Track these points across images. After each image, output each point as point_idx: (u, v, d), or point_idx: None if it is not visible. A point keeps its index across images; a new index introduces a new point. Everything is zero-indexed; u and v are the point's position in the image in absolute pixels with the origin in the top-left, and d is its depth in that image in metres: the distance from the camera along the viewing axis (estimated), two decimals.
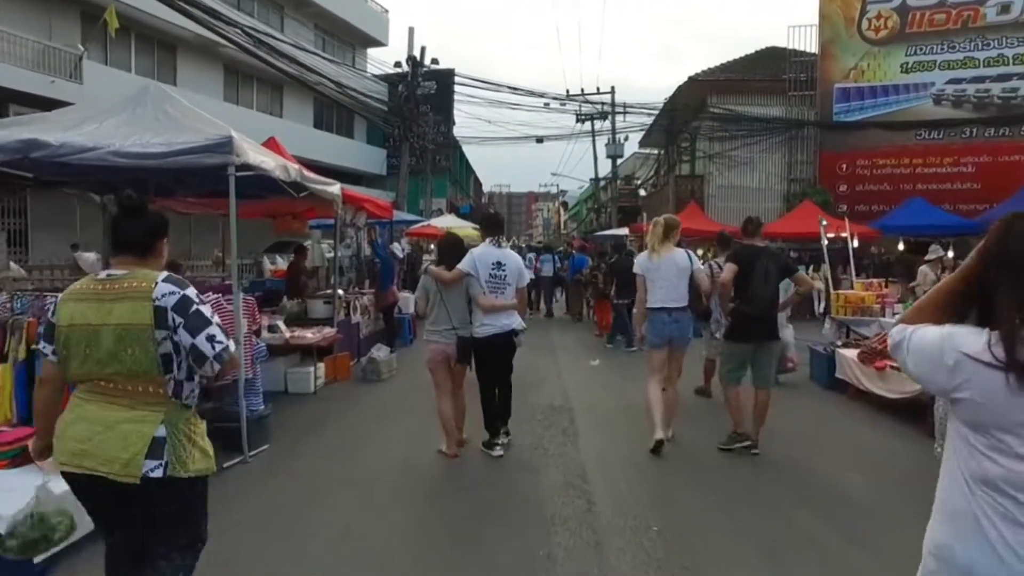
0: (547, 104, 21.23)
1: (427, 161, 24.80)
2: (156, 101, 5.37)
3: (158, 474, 2.08)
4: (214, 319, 2.19)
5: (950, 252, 9.74)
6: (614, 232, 23.30)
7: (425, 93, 22.87)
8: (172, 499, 2.16)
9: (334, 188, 7.26)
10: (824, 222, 9.03)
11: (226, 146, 4.57)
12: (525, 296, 5.48)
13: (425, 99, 23.65)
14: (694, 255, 5.48)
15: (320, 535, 3.63)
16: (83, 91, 14.88)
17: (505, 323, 4.89)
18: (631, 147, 32.49)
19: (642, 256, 5.45)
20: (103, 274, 2.23)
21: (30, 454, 2.87)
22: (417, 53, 20.24)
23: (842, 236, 9.70)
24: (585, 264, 14.56)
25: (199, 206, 8.23)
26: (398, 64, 21.85)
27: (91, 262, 7.92)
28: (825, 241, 8.84)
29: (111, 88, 12.95)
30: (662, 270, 5.20)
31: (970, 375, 1.35)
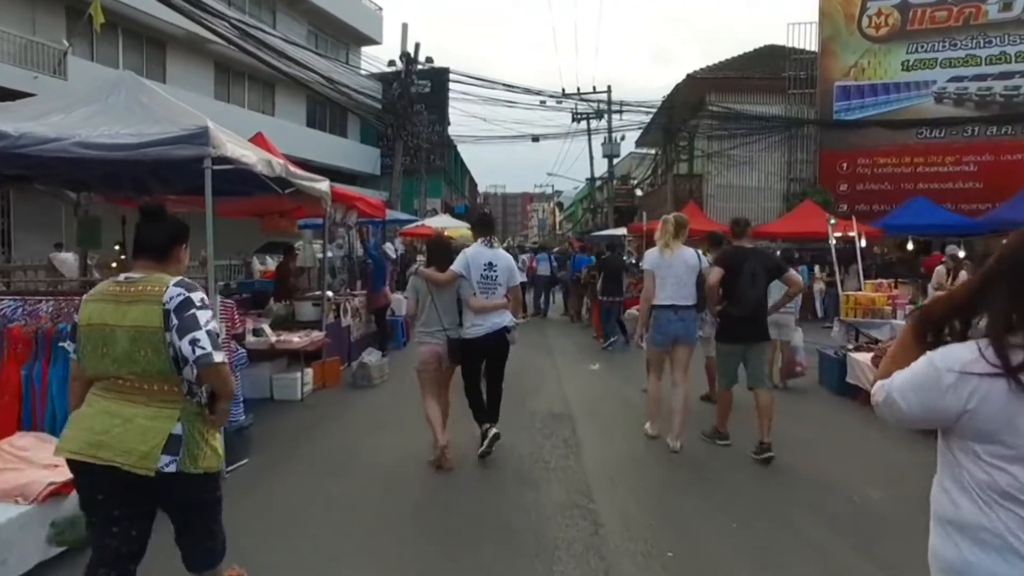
0: (543, 102, 20.87)
1: (421, 160, 24.45)
2: (131, 91, 5.02)
3: (171, 469, 2.16)
4: (207, 326, 2.21)
5: (961, 252, 9.45)
6: (611, 232, 23.00)
7: (419, 92, 22.56)
8: (183, 494, 2.26)
9: (322, 185, 6.92)
10: (833, 220, 8.74)
11: (201, 137, 4.24)
12: (519, 295, 5.44)
13: (419, 98, 23.34)
14: (702, 255, 5.47)
15: (293, 568, 3.29)
16: (67, 87, 14.46)
17: (496, 321, 4.83)
18: (627, 147, 32.24)
19: (653, 253, 5.35)
20: (122, 277, 2.30)
21: None
22: (411, 50, 19.87)
23: (849, 235, 9.41)
24: (586, 264, 14.26)
25: (182, 204, 7.87)
26: (392, 63, 21.53)
27: (69, 263, 7.56)
28: (833, 240, 8.54)
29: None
30: (673, 267, 5.17)
31: (972, 388, 1.33)
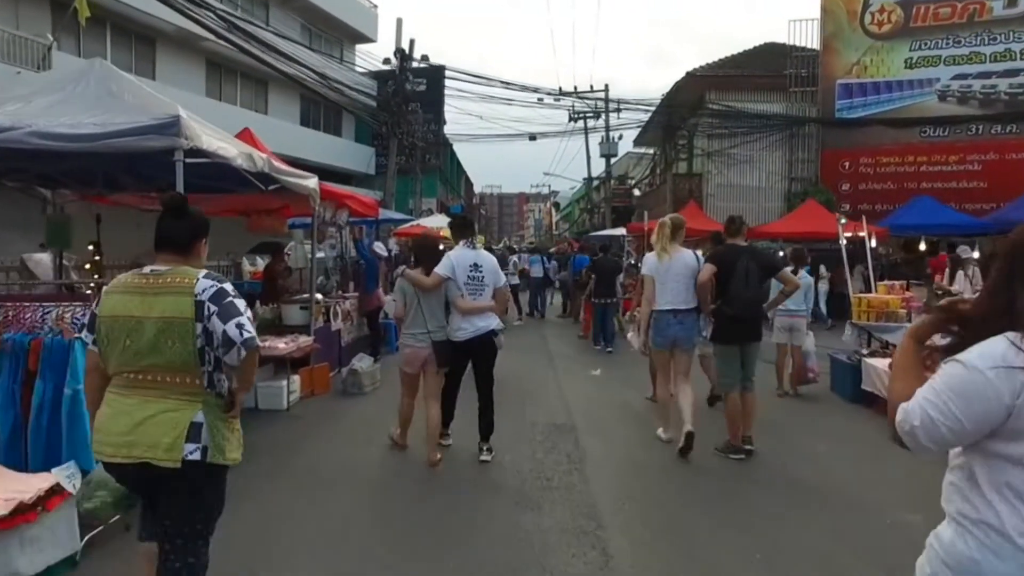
0: (541, 99, 20.53)
1: (416, 159, 24.08)
2: (100, 79, 4.65)
3: (196, 457, 2.19)
4: (246, 312, 2.27)
5: (975, 252, 9.13)
6: (609, 232, 22.68)
7: (415, 90, 22.20)
8: (206, 483, 2.29)
9: (310, 182, 6.56)
10: (843, 220, 8.40)
11: (172, 127, 3.88)
12: (507, 295, 5.42)
13: (415, 96, 22.99)
14: (700, 256, 5.36)
15: None
16: None
17: (483, 325, 4.83)
18: (625, 146, 31.91)
19: (651, 258, 5.27)
20: (147, 269, 2.32)
21: None
22: (406, 46, 19.51)
23: (859, 235, 9.08)
24: (586, 264, 13.96)
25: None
26: (387, 60, 21.19)
27: (44, 265, 7.17)
28: (844, 241, 8.21)
29: None
30: (672, 271, 5.11)
31: (1020, 383, 1.26)
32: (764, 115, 19.09)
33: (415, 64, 20.40)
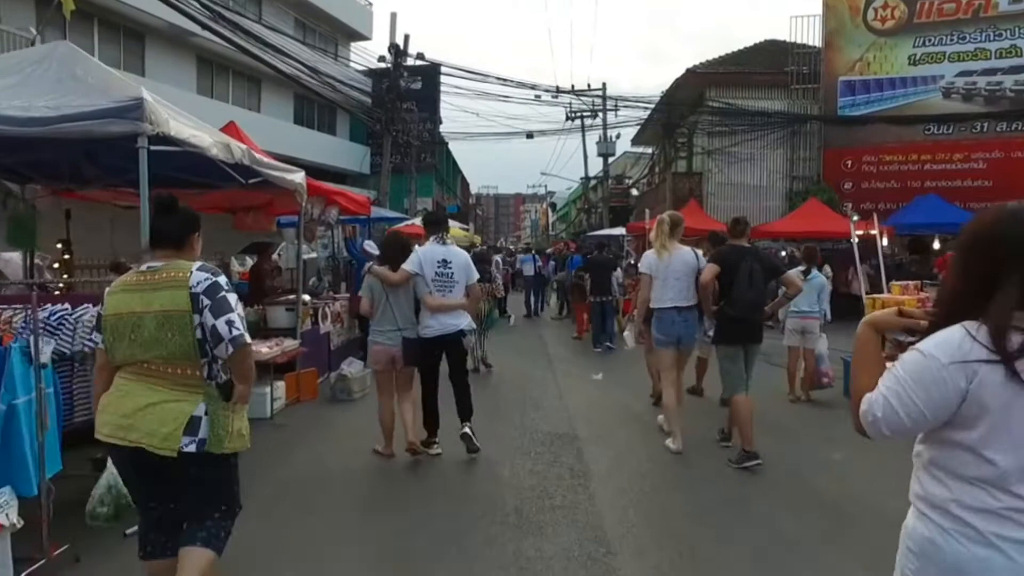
0: (538, 96, 20.16)
1: (412, 158, 23.70)
2: (63, 62, 4.27)
3: (192, 449, 2.24)
4: (237, 308, 2.33)
5: None
6: (608, 232, 22.37)
7: (410, 88, 21.84)
8: (206, 473, 2.33)
9: (296, 176, 6.19)
10: (856, 218, 8.06)
11: (134, 111, 3.50)
12: (479, 292, 5.32)
13: (410, 95, 22.62)
14: (700, 254, 5.32)
15: None
16: None
17: (452, 323, 4.74)
18: (623, 146, 31.60)
19: (650, 256, 5.23)
20: (144, 266, 2.41)
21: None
22: (400, 42, 19.13)
23: (871, 234, 8.75)
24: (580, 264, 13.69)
25: (127, 196, 7.11)
26: (382, 58, 20.82)
27: (13, 264, 6.78)
28: (855, 239, 7.86)
29: None
30: (672, 269, 5.07)
31: (970, 373, 1.29)
32: (765, 113, 18.76)
33: (410, 61, 20.00)
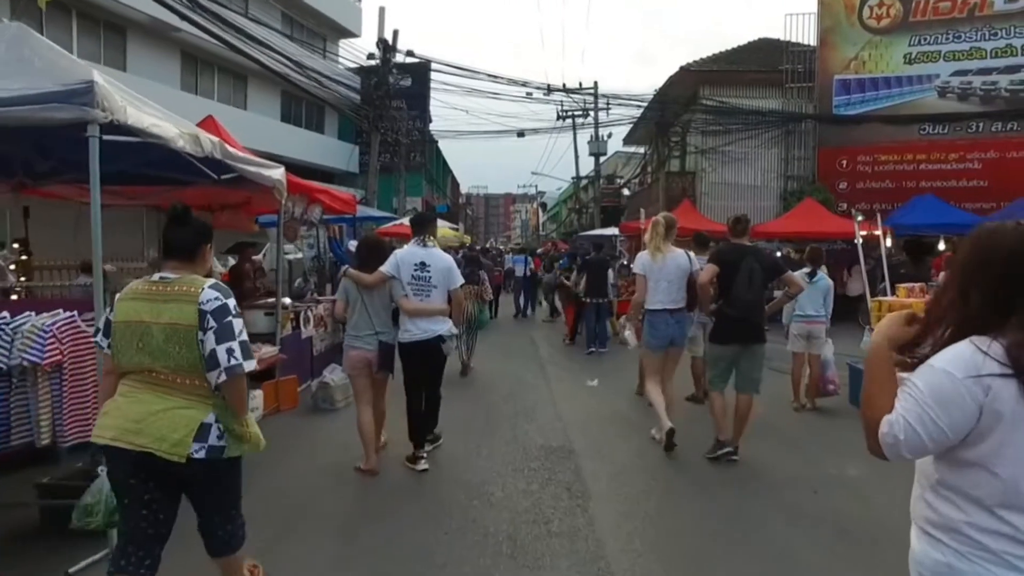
0: (529, 94, 19.81)
1: (401, 157, 23.31)
2: (12, 44, 3.86)
3: (201, 455, 2.28)
4: (240, 336, 2.35)
5: None
6: (600, 232, 22.08)
7: (399, 86, 21.46)
8: (216, 479, 2.41)
9: (274, 172, 5.80)
10: (860, 217, 7.78)
11: (83, 95, 3.13)
12: (461, 298, 5.04)
13: (400, 93, 22.22)
14: (693, 256, 5.31)
15: None
16: None
17: (430, 328, 4.57)
18: (614, 145, 31.33)
19: (644, 256, 5.20)
20: (156, 276, 2.43)
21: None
22: (389, 37, 18.74)
23: (875, 234, 8.48)
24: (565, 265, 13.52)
25: (115, 195, 6.71)
26: (371, 56, 20.42)
27: None
28: (859, 240, 7.59)
29: None
30: (665, 271, 5.07)
31: (985, 387, 1.28)
32: (759, 111, 18.53)
33: (399, 56, 19.61)
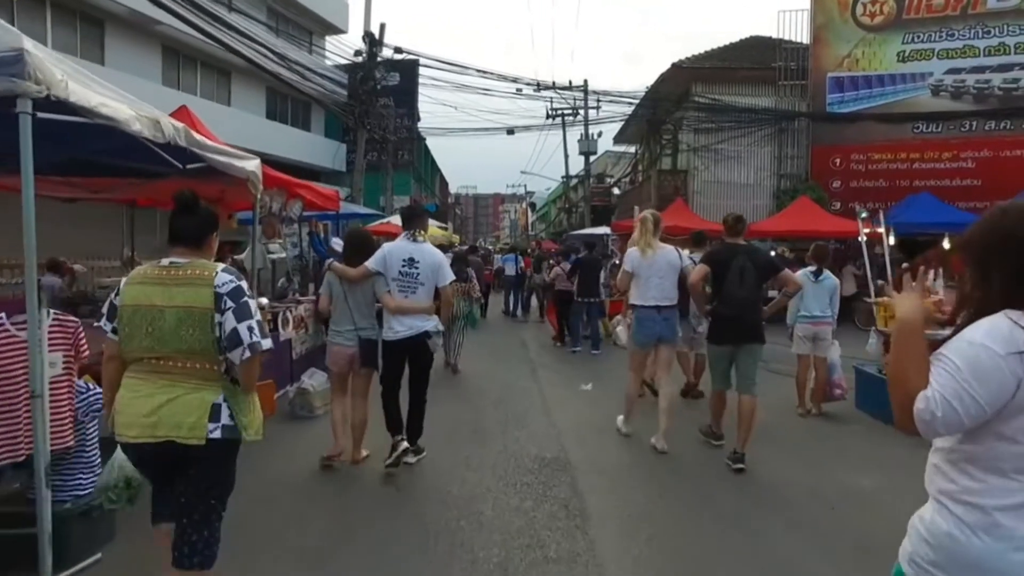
0: (519, 90, 19.47)
1: (388, 154, 22.89)
2: None
3: (217, 435, 2.30)
4: (257, 315, 2.36)
5: None
6: (591, 231, 21.78)
7: (387, 84, 21.07)
8: (224, 460, 2.40)
9: (247, 164, 5.40)
10: (864, 215, 7.50)
11: (11, 64, 2.74)
12: (450, 296, 4.85)
13: (387, 91, 21.82)
14: (683, 253, 5.28)
15: None
16: None
17: (416, 325, 4.43)
18: (604, 144, 31.09)
19: (634, 253, 5.18)
20: (166, 261, 2.43)
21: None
22: (376, 31, 18.33)
23: (878, 232, 8.20)
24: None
25: (75, 187, 6.29)
26: (359, 52, 20.01)
27: None
28: (863, 237, 7.30)
29: None
30: (655, 268, 5.06)
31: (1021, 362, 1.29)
32: (752, 109, 18.30)
33: (386, 49, 19.19)
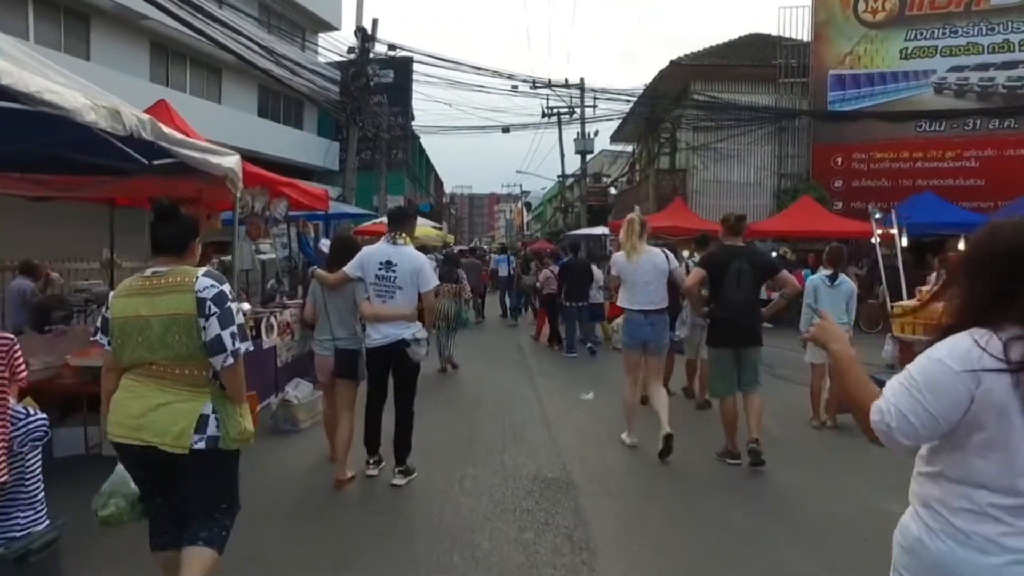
0: (515, 87, 19.11)
1: (381, 153, 22.49)
2: None
3: (201, 446, 2.34)
4: (238, 319, 2.41)
5: None
6: (587, 231, 21.45)
7: (381, 81, 20.67)
8: (213, 469, 2.43)
9: (225, 160, 5.02)
10: (877, 215, 7.17)
11: None
12: (432, 302, 4.56)
13: (381, 88, 21.42)
14: (671, 255, 5.19)
15: None
16: None
17: (392, 332, 4.20)
18: (601, 143, 30.74)
19: (620, 257, 5.16)
20: (149, 271, 2.47)
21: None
22: (368, 26, 17.93)
23: (891, 233, 7.87)
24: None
25: (38, 184, 5.90)
26: (351, 50, 19.62)
27: None
28: (877, 239, 6.97)
29: None
30: (640, 271, 5.01)
31: (978, 380, 1.32)
32: (752, 107, 17.98)
33: (380, 45, 18.79)
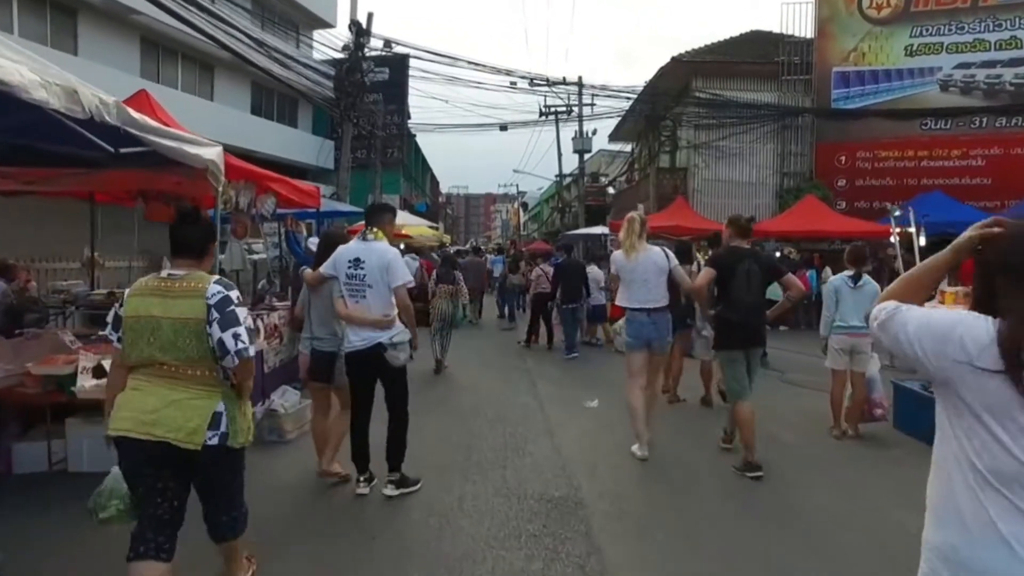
0: (513, 84, 18.77)
1: (377, 151, 22.12)
2: None
3: (214, 442, 2.41)
4: (245, 322, 2.46)
5: None
6: (586, 231, 21.13)
7: (376, 79, 20.33)
8: (226, 465, 2.53)
9: (205, 151, 4.65)
10: (896, 212, 6.86)
11: None
12: (406, 300, 4.14)
13: (376, 86, 21.07)
14: (671, 253, 5.14)
15: None
16: None
17: (369, 336, 3.98)
18: (599, 143, 30.42)
19: (619, 256, 5.14)
20: (165, 273, 2.54)
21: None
22: (363, 20, 17.56)
23: (908, 232, 7.56)
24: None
25: (4, 178, 5.52)
26: (346, 47, 19.26)
27: None
28: (896, 238, 6.64)
29: None
30: (639, 270, 4.98)
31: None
32: (754, 105, 17.67)
33: (374, 40, 18.43)
